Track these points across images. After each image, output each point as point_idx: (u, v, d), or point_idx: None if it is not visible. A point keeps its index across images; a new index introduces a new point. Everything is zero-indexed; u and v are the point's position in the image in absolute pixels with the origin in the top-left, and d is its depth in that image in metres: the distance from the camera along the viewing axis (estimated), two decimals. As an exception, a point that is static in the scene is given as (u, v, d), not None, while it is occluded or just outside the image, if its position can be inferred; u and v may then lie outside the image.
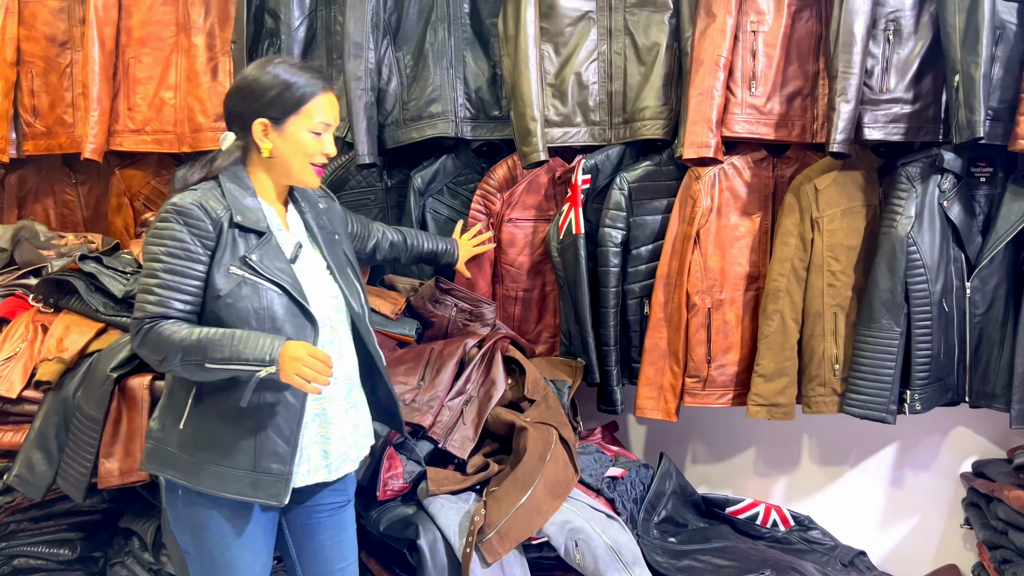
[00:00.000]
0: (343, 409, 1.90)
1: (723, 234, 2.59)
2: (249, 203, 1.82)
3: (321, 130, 1.84)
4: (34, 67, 3.15)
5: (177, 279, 1.74)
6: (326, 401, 1.86)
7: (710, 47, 2.46)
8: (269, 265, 1.77)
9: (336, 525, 1.99)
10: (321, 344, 1.82)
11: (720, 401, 2.64)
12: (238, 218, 1.78)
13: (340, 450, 1.89)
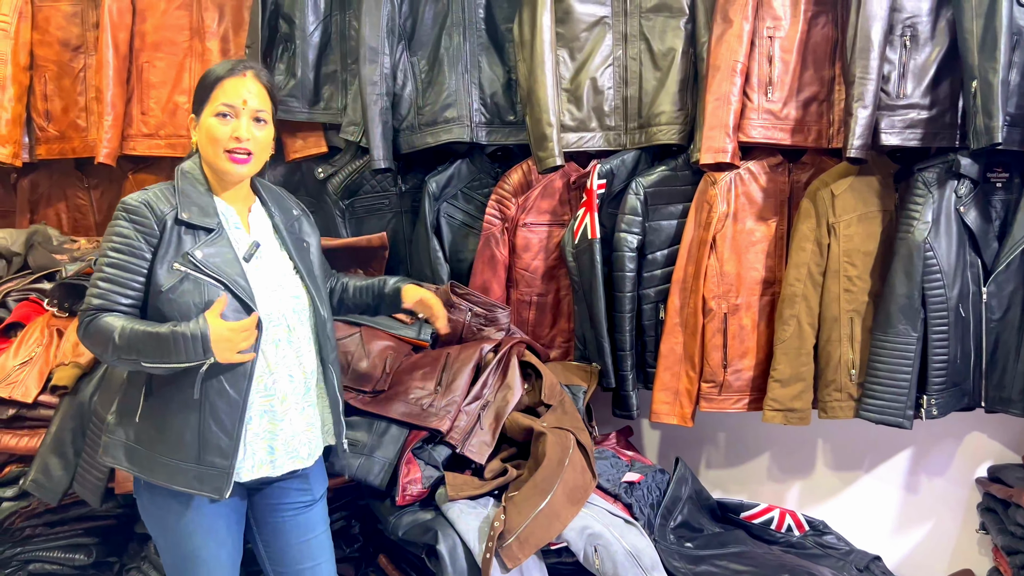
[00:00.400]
0: (298, 408, 1.91)
1: (739, 239, 2.60)
2: (200, 200, 1.84)
3: (225, 112, 1.82)
4: (47, 72, 3.15)
5: (119, 273, 1.77)
6: (277, 400, 1.87)
7: (727, 52, 2.47)
8: (213, 261, 1.79)
9: (302, 525, 1.99)
10: (275, 342, 1.86)
11: (736, 406, 2.64)
12: (184, 215, 1.80)
13: (289, 447, 1.89)
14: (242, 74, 1.85)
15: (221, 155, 1.83)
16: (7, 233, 2.91)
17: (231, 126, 1.82)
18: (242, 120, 1.83)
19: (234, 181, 1.89)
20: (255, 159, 1.86)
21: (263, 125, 1.87)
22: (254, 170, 1.90)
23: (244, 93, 1.83)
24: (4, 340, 2.61)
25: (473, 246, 2.88)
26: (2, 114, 3.06)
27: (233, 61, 1.89)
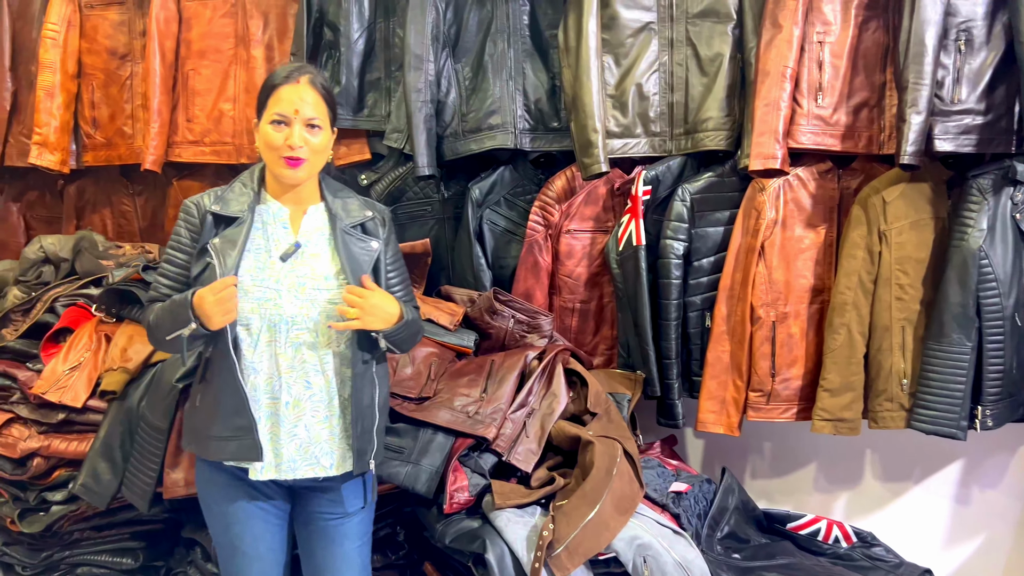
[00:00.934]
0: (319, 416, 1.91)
1: (788, 246, 2.57)
2: (238, 195, 1.94)
3: (279, 119, 1.86)
4: (95, 79, 3.19)
5: (167, 267, 1.95)
6: (285, 404, 1.88)
7: (776, 58, 2.44)
8: (225, 250, 1.86)
9: (329, 537, 1.99)
10: (294, 345, 1.88)
11: (784, 416, 2.61)
12: (215, 207, 1.91)
13: (307, 453, 1.91)
14: (296, 81, 1.87)
15: (276, 160, 1.88)
16: (55, 239, 2.94)
17: (284, 134, 1.86)
18: (295, 128, 1.85)
19: (292, 184, 1.92)
20: (309, 163, 1.89)
21: (317, 131, 1.89)
22: (310, 173, 1.92)
23: (297, 102, 1.86)
24: (53, 345, 2.63)
25: (516, 253, 2.87)
26: (51, 121, 3.11)
27: (290, 67, 1.91)
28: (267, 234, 1.92)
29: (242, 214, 1.90)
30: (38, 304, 2.74)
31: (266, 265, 1.89)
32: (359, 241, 1.94)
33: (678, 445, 2.92)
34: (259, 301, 1.86)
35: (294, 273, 1.89)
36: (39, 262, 2.92)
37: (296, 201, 1.95)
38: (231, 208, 1.91)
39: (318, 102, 1.89)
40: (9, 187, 3.47)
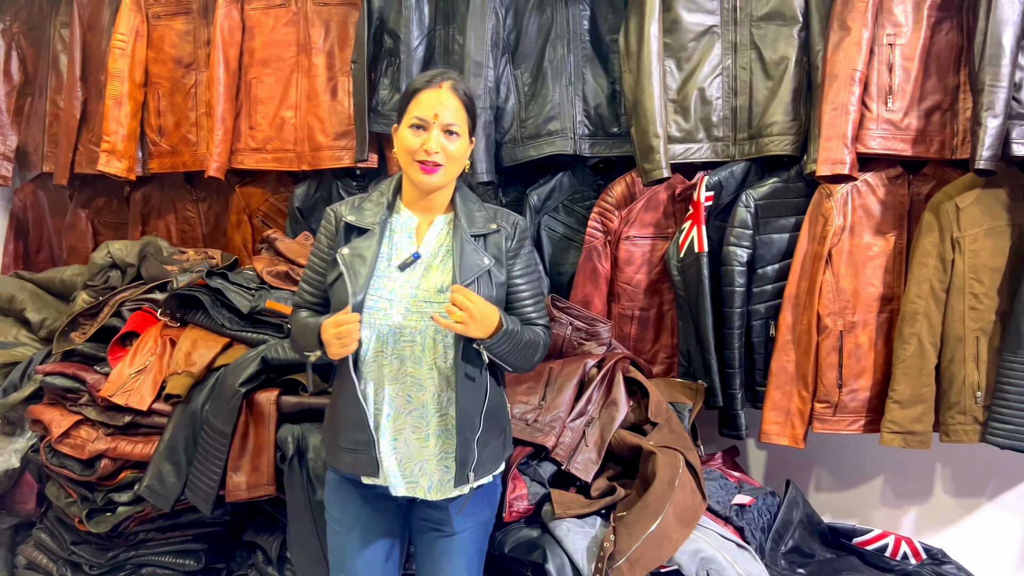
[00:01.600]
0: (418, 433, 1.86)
1: (856, 253, 2.50)
2: (371, 206, 1.93)
3: (418, 124, 1.84)
4: (161, 88, 3.26)
5: (309, 273, 1.98)
6: (387, 416, 1.86)
7: (844, 61, 2.38)
8: (351, 259, 1.85)
9: (436, 552, 1.94)
10: (399, 358, 1.84)
11: (851, 428, 2.54)
12: (349, 218, 1.91)
13: (405, 470, 1.87)
14: (437, 86, 1.85)
15: (412, 165, 1.85)
16: (122, 244, 3.01)
17: (422, 138, 1.83)
18: (432, 133, 1.83)
19: (426, 191, 1.89)
20: (445, 170, 1.85)
21: (455, 138, 1.85)
22: (444, 180, 1.88)
23: (437, 106, 1.83)
24: (120, 349, 2.68)
25: (574, 259, 2.85)
26: (119, 129, 3.18)
27: (432, 72, 1.89)
28: (392, 243, 1.90)
29: (373, 226, 1.88)
30: (105, 308, 2.79)
31: (384, 274, 1.86)
32: (475, 253, 1.86)
33: (740, 456, 2.86)
34: (369, 310, 1.83)
35: (409, 284, 1.85)
36: (106, 267, 2.98)
37: (427, 210, 1.92)
38: (365, 219, 1.90)
39: (458, 108, 1.86)
40: (78, 193, 3.56)
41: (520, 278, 1.93)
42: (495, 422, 1.91)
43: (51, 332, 3.06)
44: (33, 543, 2.78)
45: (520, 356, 1.87)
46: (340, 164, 3.04)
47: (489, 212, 1.95)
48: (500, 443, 1.94)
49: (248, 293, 2.63)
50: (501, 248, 1.89)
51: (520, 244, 1.94)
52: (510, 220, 1.95)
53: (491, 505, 1.98)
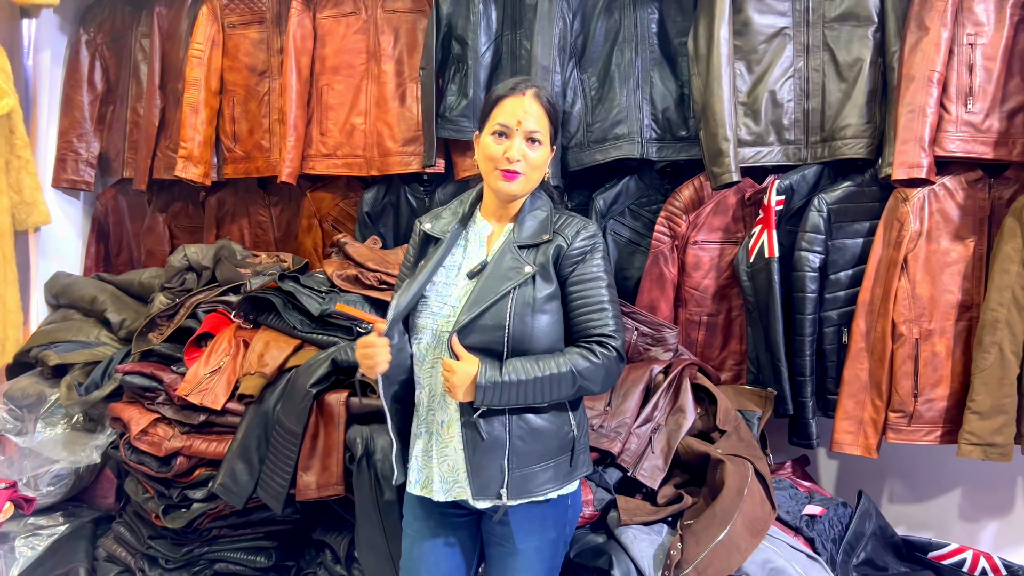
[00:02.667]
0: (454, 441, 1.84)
1: (933, 259, 2.43)
2: (448, 215, 1.95)
3: (501, 131, 1.82)
4: (235, 96, 3.34)
5: (399, 282, 1.98)
6: (439, 424, 1.86)
7: (922, 61, 2.32)
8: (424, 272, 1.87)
9: (500, 565, 1.92)
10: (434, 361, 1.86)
11: (927, 438, 2.47)
12: (427, 227, 1.93)
13: (455, 475, 1.85)
14: (521, 93, 1.83)
15: (493, 172, 1.84)
16: (198, 248, 3.09)
17: (504, 146, 1.82)
18: (515, 140, 1.81)
19: (506, 199, 1.88)
20: (525, 178, 1.83)
21: (537, 146, 1.83)
22: (525, 188, 1.86)
23: (520, 113, 1.81)
24: (196, 349, 2.76)
25: (639, 264, 2.83)
26: (195, 136, 3.27)
27: (516, 80, 1.87)
28: (466, 252, 1.89)
29: (444, 235, 1.89)
30: (181, 310, 2.88)
31: (453, 282, 1.86)
32: (515, 261, 1.82)
33: (810, 466, 2.81)
34: (434, 316, 1.84)
35: (469, 291, 1.84)
36: (183, 270, 3.07)
37: (501, 218, 1.91)
38: (438, 228, 1.91)
39: (541, 115, 1.83)
40: (157, 198, 3.67)
41: (575, 286, 1.84)
42: (540, 442, 1.84)
43: (130, 332, 3.15)
44: (112, 536, 2.86)
45: (537, 396, 1.77)
46: (408, 169, 3.08)
47: (551, 221, 1.89)
48: (560, 463, 1.87)
49: (319, 296, 2.68)
50: (549, 257, 1.83)
51: (583, 250, 1.85)
52: (572, 228, 1.87)
53: (557, 525, 1.91)
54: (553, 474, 1.85)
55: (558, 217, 1.90)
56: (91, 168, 3.70)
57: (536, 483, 1.83)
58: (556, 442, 1.85)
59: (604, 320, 1.82)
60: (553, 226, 1.87)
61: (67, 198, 3.76)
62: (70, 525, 2.98)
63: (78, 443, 3.01)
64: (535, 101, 1.83)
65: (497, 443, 1.81)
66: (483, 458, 1.80)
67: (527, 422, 1.82)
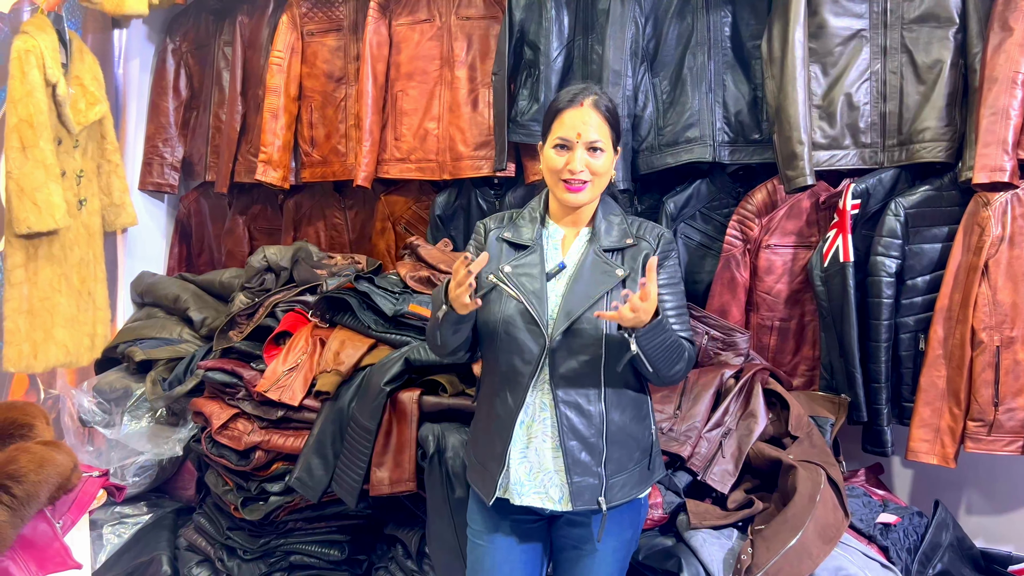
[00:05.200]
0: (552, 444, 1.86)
1: (1016, 265, 2.37)
2: (524, 222, 1.98)
3: (562, 144, 1.86)
4: (313, 101, 3.44)
5: None
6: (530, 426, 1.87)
7: (1006, 63, 2.27)
8: (518, 278, 1.88)
9: (575, 568, 1.95)
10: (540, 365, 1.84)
11: (1008, 448, 2.40)
12: (506, 234, 1.97)
13: (536, 480, 1.88)
14: (579, 104, 1.87)
15: (558, 184, 1.89)
16: (276, 249, 3.19)
17: (566, 157, 1.86)
18: (576, 152, 1.85)
19: (572, 208, 1.93)
20: (591, 186, 1.88)
21: (599, 154, 1.87)
22: (592, 196, 1.90)
23: (580, 125, 1.85)
24: (274, 347, 2.85)
25: (710, 267, 2.83)
26: (275, 141, 3.38)
27: (574, 90, 1.91)
28: (542, 255, 1.92)
29: (531, 242, 1.93)
30: (260, 309, 2.97)
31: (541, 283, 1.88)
32: (604, 265, 1.88)
33: (884, 474, 2.76)
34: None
35: (554, 292, 1.88)
36: (262, 270, 3.17)
37: (573, 223, 1.96)
38: (523, 236, 1.95)
39: (600, 124, 1.87)
40: (237, 201, 3.80)
41: (663, 288, 1.89)
42: (628, 447, 1.89)
43: (211, 330, 3.26)
44: (193, 527, 2.97)
45: (666, 356, 1.79)
46: (479, 173, 3.13)
47: (630, 225, 1.94)
48: (642, 467, 1.92)
49: (392, 297, 2.74)
50: (639, 262, 1.88)
51: (664, 255, 1.92)
52: (654, 233, 1.94)
53: (633, 525, 1.96)
54: (638, 478, 1.90)
55: (632, 221, 1.96)
56: (175, 172, 3.84)
57: (627, 488, 1.88)
58: (639, 446, 1.90)
59: (685, 323, 1.92)
60: (633, 231, 1.92)
61: (152, 200, 3.92)
62: (153, 515, 3.10)
63: (161, 436, 3.13)
64: (594, 111, 1.87)
65: (595, 450, 1.84)
66: (581, 466, 1.84)
67: (618, 427, 1.86)
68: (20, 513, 1.73)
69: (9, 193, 2.93)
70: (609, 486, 1.85)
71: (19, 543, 1.72)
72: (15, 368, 3.06)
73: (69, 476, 1.89)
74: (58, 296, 3.14)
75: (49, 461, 1.83)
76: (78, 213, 3.27)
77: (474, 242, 2.02)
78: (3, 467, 1.75)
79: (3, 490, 1.71)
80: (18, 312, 3.01)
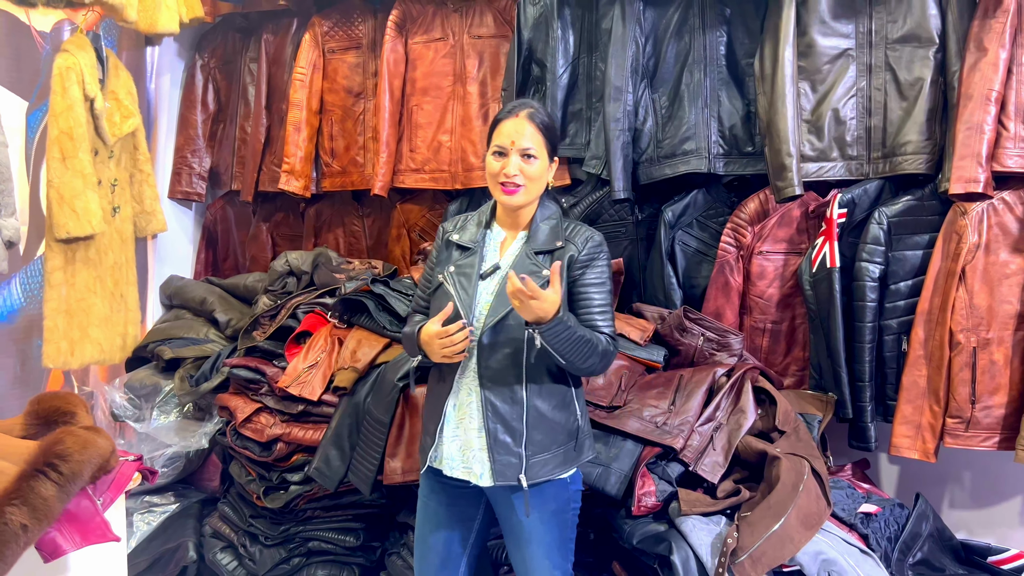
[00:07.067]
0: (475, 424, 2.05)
1: (991, 271, 2.51)
2: (470, 224, 2.18)
3: (499, 151, 2.06)
4: (334, 115, 3.61)
5: (424, 281, 2.23)
6: (459, 407, 2.07)
7: (980, 81, 2.42)
8: (458, 277, 2.08)
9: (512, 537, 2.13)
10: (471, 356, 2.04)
11: (985, 444, 2.54)
12: (455, 237, 2.16)
13: (464, 456, 2.07)
14: (515, 115, 2.07)
15: (496, 187, 2.08)
16: (298, 254, 3.36)
17: (502, 163, 2.05)
18: (511, 158, 2.04)
19: (511, 209, 2.11)
20: (525, 190, 2.06)
21: (532, 160, 2.04)
22: (527, 198, 2.08)
23: (514, 134, 2.04)
24: (295, 346, 3.01)
25: (707, 273, 2.97)
26: (297, 152, 3.55)
27: (513, 104, 2.11)
28: (482, 256, 2.11)
29: (474, 244, 2.12)
30: (283, 310, 3.13)
31: (473, 282, 2.07)
32: (532, 266, 2.04)
33: (870, 469, 2.89)
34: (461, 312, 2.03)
35: (487, 291, 2.07)
36: (284, 274, 3.34)
37: (513, 226, 2.14)
38: (465, 237, 2.15)
39: (534, 134, 2.05)
40: (261, 209, 3.95)
41: (588, 287, 2.06)
42: (551, 431, 2.05)
43: (236, 331, 3.41)
44: (218, 515, 3.13)
45: (575, 350, 1.95)
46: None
47: (564, 229, 2.11)
48: (567, 449, 2.08)
49: (407, 299, 2.90)
50: (563, 263, 2.03)
51: (590, 257, 2.07)
52: (582, 236, 2.09)
53: (557, 499, 2.10)
54: (562, 459, 2.07)
55: (567, 225, 2.13)
56: (203, 181, 3.99)
57: (549, 468, 2.05)
58: (564, 431, 2.08)
59: (606, 320, 2.07)
60: (564, 234, 2.09)
61: (181, 208, 4.06)
62: (180, 504, 3.24)
63: (188, 430, 3.26)
64: (528, 122, 2.06)
65: (516, 432, 2.03)
66: (503, 446, 2.02)
67: (540, 413, 2.04)
68: (66, 489, 1.89)
69: (50, 201, 3.11)
70: (529, 465, 2.02)
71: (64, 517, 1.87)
72: (53, 364, 3.23)
73: (108, 458, 2.06)
74: (93, 297, 3.31)
75: (91, 443, 1.99)
76: (112, 220, 3.44)
77: (436, 244, 2.22)
78: (51, 447, 1.91)
79: (52, 468, 1.87)
80: (57, 312, 3.18)
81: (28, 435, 2.05)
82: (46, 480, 1.78)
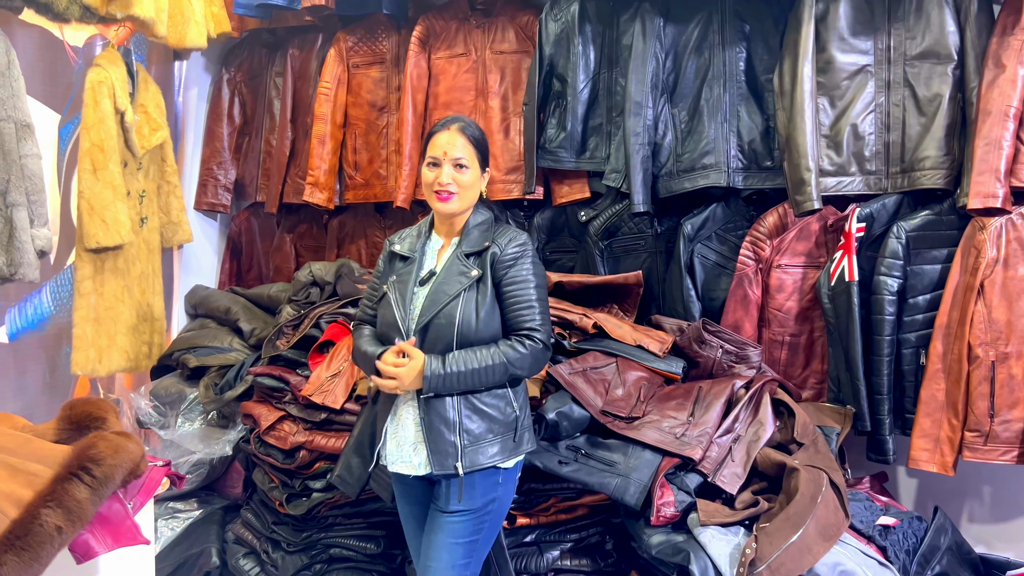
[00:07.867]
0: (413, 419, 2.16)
1: (1010, 285, 2.52)
2: (411, 235, 2.28)
3: (432, 161, 2.16)
4: (357, 129, 3.67)
5: (369, 291, 2.34)
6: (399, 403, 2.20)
7: (999, 97, 2.44)
8: (397, 285, 2.19)
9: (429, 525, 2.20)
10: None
11: (1004, 458, 2.54)
12: (396, 247, 2.27)
13: (402, 450, 2.19)
14: (447, 129, 2.18)
15: (431, 195, 2.18)
16: (321, 265, 3.41)
17: (436, 173, 2.16)
18: (444, 168, 2.15)
19: (445, 217, 2.21)
20: (458, 197, 2.16)
21: (464, 170, 2.16)
22: (460, 206, 2.18)
23: (446, 145, 2.16)
24: (318, 356, 3.05)
25: (725, 286, 3.00)
26: (321, 165, 3.62)
27: (446, 119, 2.22)
28: (421, 263, 2.22)
29: (412, 253, 2.23)
30: (306, 320, 3.17)
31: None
32: (462, 267, 2.15)
33: (888, 482, 2.90)
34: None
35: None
36: (308, 284, 3.38)
37: (449, 234, 2.24)
38: (405, 247, 2.25)
39: (466, 145, 2.16)
40: (285, 220, 4.01)
41: (509, 286, 2.14)
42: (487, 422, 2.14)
43: (259, 340, 3.46)
44: (241, 521, 3.17)
45: (473, 383, 2.09)
46: (510, 196, 3.34)
47: (490, 232, 2.20)
48: (505, 439, 2.16)
49: (428, 309, 2.94)
50: (486, 263, 2.14)
51: (514, 257, 2.15)
52: (507, 237, 2.18)
53: (483, 495, 2.16)
54: (500, 448, 2.15)
55: (497, 229, 2.22)
56: (228, 193, 4.06)
57: (486, 456, 2.13)
58: (501, 423, 2.15)
59: (532, 316, 2.14)
60: (492, 236, 2.18)
61: (206, 219, 4.13)
62: (203, 511, 3.28)
63: (213, 437, 3.31)
64: (460, 135, 2.17)
65: (450, 424, 2.12)
66: (439, 437, 2.11)
67: (473, 405, 2.13)
68: (99, 492, 1.93)
69: (81, 211, 3.18)
70: (465, 454, 2.11)
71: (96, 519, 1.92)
72: (82, 371, 3.30)
73: (139, 463, 2.11)
74: (121, 306, 3.38)
75: (123, 448, 2.04)
76: (140, 230, 3.51)
77: (382, 256, 2.33)
78: (85, 451, 1.96)
79: (85, 471, 1.92)
80: (86, 320, 3.25)
81: (61, 439, 2.10)
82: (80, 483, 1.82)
